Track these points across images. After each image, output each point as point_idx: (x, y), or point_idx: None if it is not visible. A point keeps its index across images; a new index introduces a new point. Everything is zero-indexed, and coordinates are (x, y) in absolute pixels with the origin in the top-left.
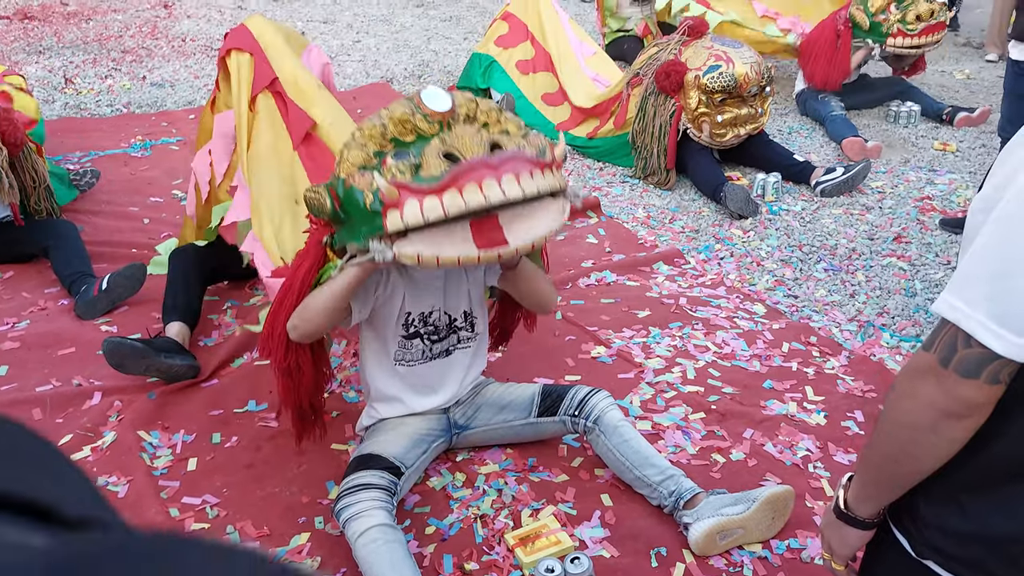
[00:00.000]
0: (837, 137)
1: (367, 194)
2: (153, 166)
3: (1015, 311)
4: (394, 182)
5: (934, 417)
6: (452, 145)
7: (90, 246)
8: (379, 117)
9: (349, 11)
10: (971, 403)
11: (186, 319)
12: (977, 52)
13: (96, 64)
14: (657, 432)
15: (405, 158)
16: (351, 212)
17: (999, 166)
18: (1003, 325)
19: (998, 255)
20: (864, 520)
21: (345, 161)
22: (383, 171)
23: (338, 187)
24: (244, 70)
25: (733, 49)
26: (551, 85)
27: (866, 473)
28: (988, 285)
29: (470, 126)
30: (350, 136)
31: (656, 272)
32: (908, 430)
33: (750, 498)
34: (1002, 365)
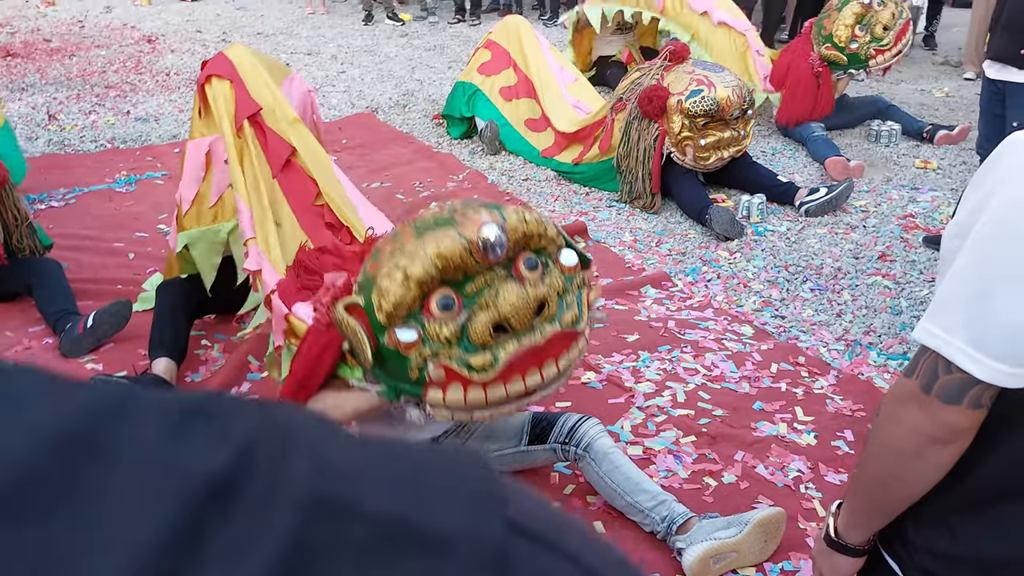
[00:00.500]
0: (819, 157)
1: (412, 368)
2: (138, 201)
3: (992, 335)
4: (441, 365)
5: (919, 443)
6: (503, 313)
7: (75, 283)
8: (423, 247)
9: (333, 43)
10: (955, 428)
11: (173, 355)
12: (955, 70)
13: (80, 100)
14: (648, 456)
15: (451, 308)
16: (389, 367)
17: (971, 190)
18: (980, 350)
19: (974, 279)
20: (855, 547)
21: (385, 295)
22: (427, 324)
23: (379, 337)
24: (225, 98)
25: (714, 73)
26: (534, 111)
27: (855, 500)
28: (965, 310)
29: (518, 285)
30: (385, 253)
31: (644, 295)
32: (894, 456)
33: (742, 521)
34: (983, 389)
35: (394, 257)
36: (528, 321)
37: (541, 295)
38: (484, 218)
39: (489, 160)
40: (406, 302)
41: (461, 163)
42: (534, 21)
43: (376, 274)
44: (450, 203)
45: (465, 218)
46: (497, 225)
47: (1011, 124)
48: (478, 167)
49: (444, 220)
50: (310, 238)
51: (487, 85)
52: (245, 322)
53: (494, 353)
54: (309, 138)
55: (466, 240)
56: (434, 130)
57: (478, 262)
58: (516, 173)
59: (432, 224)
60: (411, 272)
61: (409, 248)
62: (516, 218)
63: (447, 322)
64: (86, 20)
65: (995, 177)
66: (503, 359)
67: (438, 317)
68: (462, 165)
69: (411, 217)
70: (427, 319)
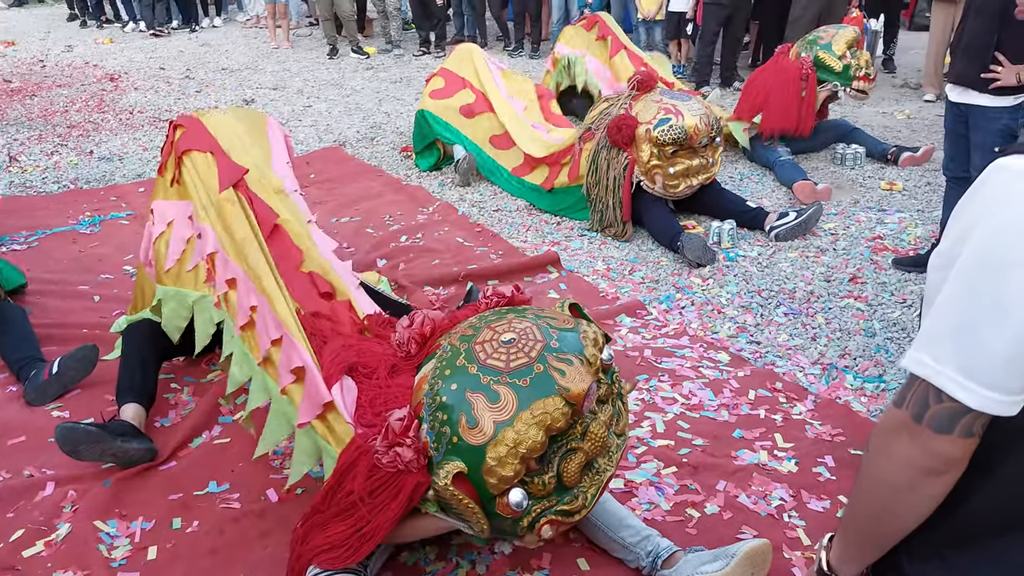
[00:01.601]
0: (787, 181)
1: (522, 527)
2: (103, 242)
3: (982, 363)
4: (548, 521)
5: (911, 475)
6: (590, 452)
7: (39, 328)
8: (532, 421)
9: (299, 77)
10: (947, 458)
11: (142, 400)
12: (915, 92)
13: (42, 141)
14: (630, 489)
15: (548, 468)
16: (495, 524)
17: (954, 221)
18: (971, 378)
19: (961, 309)
20: None
21: (498, 476)
22: (529, 481)
23: (487, 503)
24: (206, 168)
25: (682, 102)
26: (497, 127)
27: (848, 534)
28: (954, 339)
29: (597, 421)
30: (482, 413)
31: (619, 324)
32: (887, 489)
33: (728, 554)
34: (975, 418)
35: (501, 433)
36: (605, 445)
37: (609, 416)
38: (582, 377)
39: (459, 192)
40: (520, 476)
41: (431, 195)
42: (499, 52)
43: (477, 443)
44: (520, 340)
45: (563, 376)
46: (593, 382)
47: (979, 146)
48: (448, 199)
49: (542, 381)
50: (301, 304)
51: (441, 108)
52: (215, 363)
53: (585, 495)
54: (292, 207)
55: (572, 407)
56: (403, 162)
57: (577, 421)
58: (487, 204)
59: (532, 389)
60: (526, 453)
61: (521, 427)
62: (595, 353)
63: (545, 474)
64: (47, 59)
65: (978, 206)
66: (591, 499)
67: (536, 470)
68: (432, 197)
69: (485, 354)
70: (528, 476)
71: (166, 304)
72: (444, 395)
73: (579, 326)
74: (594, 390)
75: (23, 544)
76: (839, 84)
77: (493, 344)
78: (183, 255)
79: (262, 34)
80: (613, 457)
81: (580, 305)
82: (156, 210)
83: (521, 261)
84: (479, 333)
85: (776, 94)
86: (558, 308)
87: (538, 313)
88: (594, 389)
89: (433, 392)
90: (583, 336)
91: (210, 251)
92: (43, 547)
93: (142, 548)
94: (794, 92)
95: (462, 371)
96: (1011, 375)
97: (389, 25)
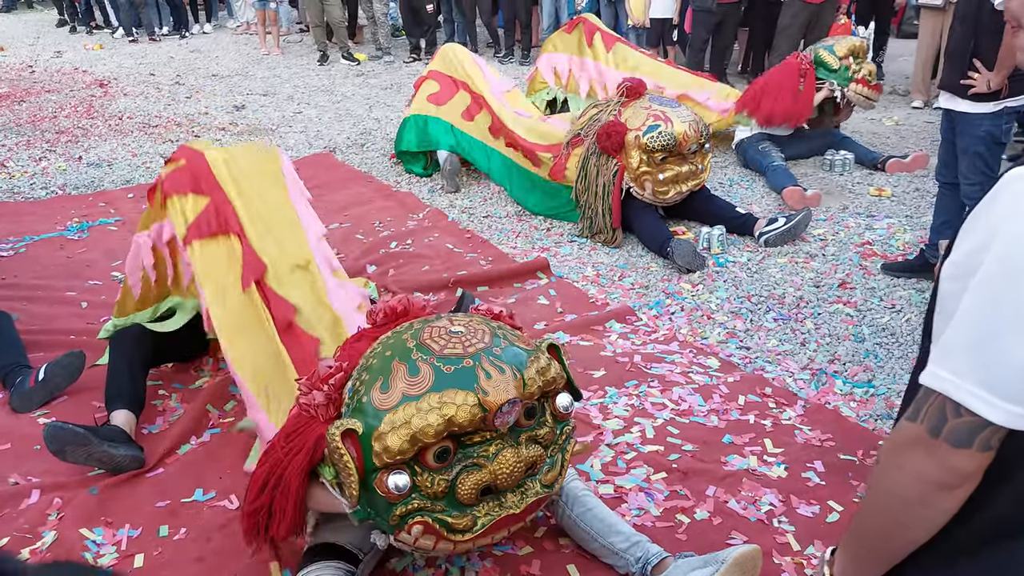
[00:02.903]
0: (777, 187)
1: (394, 515)
2: (91, 248)
3: (1003, 376)
4: (422, 522)
5: (924, 489)
6: (495, 475)
7: (25, 335)
8: (439, 408)
9: (289, 83)
10: (963, 473)
11: (131, 407)
12: (903, 99)
13: (30, 146)
14: (620, 495)
15: (446, 459)
16: (370, 498)
17: (967, 233)
18: (993, 392)
19: (982, 320)
20: None
21: (386, 447)
22: (419, 473)
23: (368, 473)
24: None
25: (671, 109)
26: (490, 120)
27: (853, 548)
28: (974, 352)
29: (513, 450)
30: (396, 387)
31: (609, 330)
32: (899, 503)
33: (718, 560)
34: (993, 432)
35: (404, 406)
36: (515, 482)
37: (533, 457)
38: (506, 388)
39: (449, 198)
40: (406, 455)
41: (421, 201)
42: (489, 59)
43: (380, 407)
44: (468, 334)
45: (487, 379)
46: (518, 398)
47: (963, 151)
48: (438, 205)
49: (465, 374)
50: None
51: (444, 112)
52: (203, 370)
53: (475, 517)
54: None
55: (483, 411)
56: (393, 169)
57: (487, 428)
58: (476, 210)
59: (452, 377)
60: (419, 433)
61: (424, 405)
62: (534, 377)
63: (439, 474)
64: (36, 65)
65: (996, 215)
66: (480, 526)
67: (432, 466)
68: (422, 203)
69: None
70: (420, 467)
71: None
72: (375, 359)
73: (535, 352)
74: (515, 409)
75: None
76: (836, 83)
77: (440, 330)
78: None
79: (252, 40)
80: (526, 500)
81: (560, 349)
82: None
83: (511, 267)
84: (438, 320)
85: (774, 83)
86: (537, 342)
87: (504, 327)
88: (515, 408)
89: (370, 355)
90: (532, 359)
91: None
92: (28, 555)
93: (128, 556)
94: (792, 84)
95: (401, 343)
96: None
97: (378, 32)
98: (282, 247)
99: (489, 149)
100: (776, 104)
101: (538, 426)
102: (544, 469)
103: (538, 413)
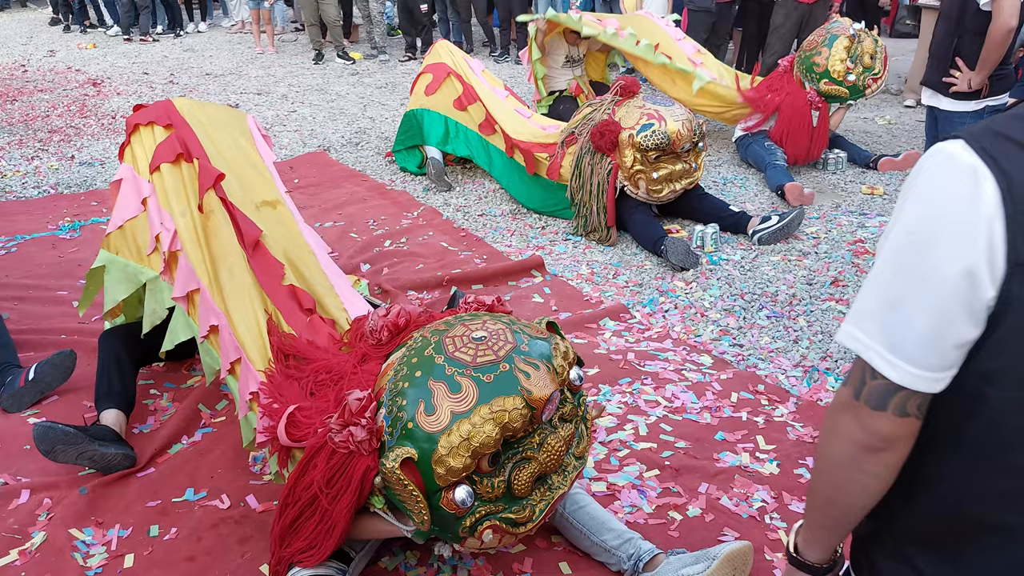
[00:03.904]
0: (775, 184)
1: (464, 527)
2: (83, 247)
3: (905, 339)
4: (491, 526)
5: (853, 452)
6: (544, 463)
7: (16, 334)
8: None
9: (283, 82)
10: (884, 436)
11: (121, 406)
12: (896, 98)
13: (22, 145)
14: (612, 492)
15: (500, 472)
16: (436, 519)
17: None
18: (896, 354)
19: (887, 286)
20: (814, 565)
21: (448, 467)
22: (478, 481)
23: (432, 496)
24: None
25: (665, 107)
26: (482, 114)
27: (809, 516)
28: (882, 315)
29: (555, 434)
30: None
31: (603, 328)
32: (834, 466)
33: (710, 556)
34: (907, 396)
35: (457, 424)
36: (561, 461)
37: (570, 436)
38: (546, 383)
39: (443, 197)
40: (469, 471)
41: (415, 200)
42: (485, 58)
43: (432, 431)
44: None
45: (527, 378)
46: (556, 390)
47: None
48: (433, 203)
49: (505, 379)
50: (284, 317)
51: (435, 102)
52: (195, 369)
53: (533, 508)
54: (284, 212)
55: (531, 410)
56: (387, 168)
57: (532, 424)
58: (471, 209)
59: (494, 385)
60: (480, 447)
61: (477, 419)
62: (563, 364)
63: (495, 476)
64: (29, 64)
65: (907, 187)
66: (539, 512)
67: (486, 471)
68: (416, 202)
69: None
70: (477, 476)
71: (108, 272)
72: (406, 381)
73: (552, 338)
74: (556, 398)
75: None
76: (853, 101)
77: (463, 339)
78: (133, 225)
79: (247, 39)
80: (568, 476)
81: (556, 322)
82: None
83: (505, 265)
84: (452, 328)
85: (790, 126)
86: (536, 323)
87: (513, 320)
88: (556, 397)
89: (396, 378)
90: (554, 347)
91: (173, 248)
92: (17, 556)
93: (118, 556)
94: (806, 125)
95: (428, 361)
96: (933, 352)
97: (374, 31)
98: (246, 184)
99: (484, 141)
100: (798, 149)
101: (562, 404)
102: (576, 443)
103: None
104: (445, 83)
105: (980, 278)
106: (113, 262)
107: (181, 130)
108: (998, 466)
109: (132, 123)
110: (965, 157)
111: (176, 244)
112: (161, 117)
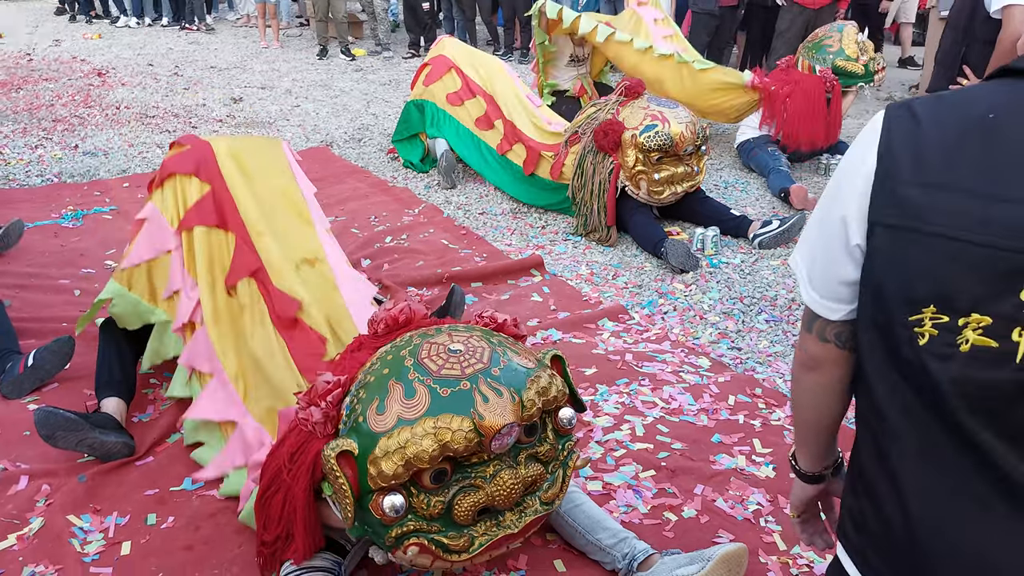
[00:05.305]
0: (778, 187)
1: (390, 536)
2: (85, 236)
3: (814, 270)
4: (418, 543)
5: (796, 368)
6: (493, 496)
7: (17, 322)
8: (434, 433)
9: (287, 77)
10: (812, 355)
11: (122, 394)
12: None
13: (26, 134)
14: (608, 492)
15: (443, 480)
16: (366, 518)
17: None
18: (810, 282)
19: (813, 221)
20: (803, 472)
21: (381, 471)
22: (415, 495)
23: (364, 495)
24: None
25: (669, 109)
26: (480, 108)
27: (794, 428)
28: (804, 248)
29: (512, 471)
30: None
31: (601, 329)
32: (792, 383)
33: (704, 557)
34: (823, 324)
35: (399, 430)
36: (514, 502)
37: (533, 476)
38: (503, 412)
39: (445, 194)
40: (400, 479)
41: (417, 197)
42: None
43: (376, 430)
44: (467, 353)
45: (484, 403)
46: (516, 423)
47: None
48: (434, 201)
49: (461, 397)
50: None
51: (433, 92)
52: None
53: (472, 538)
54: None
55: (479, 437)
56: (390, 164)
57: (484, 452)
58: (472, 207)
59: (448, 401)
60: (413, 459)
61: (419, 430)
62: (533, 399)
63: (435, 495)
64: (34, 53)
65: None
66: (478, 546)
67: (428, 487)
68: (418, 199)
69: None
70: (416, 488)
71: (117, 305)
72: (373, 376)
73: (537, 370)
74: (512, 431)
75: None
76: (864, 84)
77: (439, 348)
78: (151, 264)
79: (252, 33)
80: (524, 518)
81: (564, 359)
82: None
83: (505, 264)
84: (437, 335)
85: (802, 107)
86: (542, 353)
87: (505, 342)
88: (513, 431)
89: (368, 371)
90: (532, 379)
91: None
92: (15, 541)
93: (116, 543)
94: (820, 107)
95: (399, 361)
96: (826, 284)
97: (377, 27)
98: (287, 241)
99: (477, 138)
100: (815, 134)
101: (539, 443)
102: (545, 486)
103: (539, 430)
104: (445, 76)
105: (850, 226)
106: (123, 296)
107: (220, 192)
108: (868, 408)
109: (170, 170)
110: (876, 122)
111: (197, 315)
112: (200, 171)
